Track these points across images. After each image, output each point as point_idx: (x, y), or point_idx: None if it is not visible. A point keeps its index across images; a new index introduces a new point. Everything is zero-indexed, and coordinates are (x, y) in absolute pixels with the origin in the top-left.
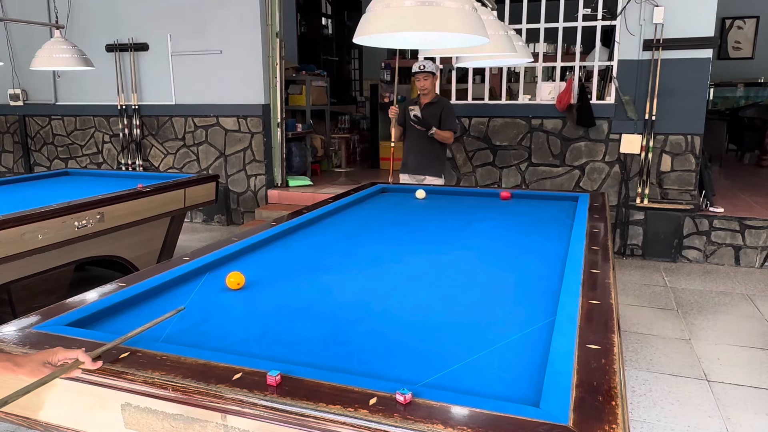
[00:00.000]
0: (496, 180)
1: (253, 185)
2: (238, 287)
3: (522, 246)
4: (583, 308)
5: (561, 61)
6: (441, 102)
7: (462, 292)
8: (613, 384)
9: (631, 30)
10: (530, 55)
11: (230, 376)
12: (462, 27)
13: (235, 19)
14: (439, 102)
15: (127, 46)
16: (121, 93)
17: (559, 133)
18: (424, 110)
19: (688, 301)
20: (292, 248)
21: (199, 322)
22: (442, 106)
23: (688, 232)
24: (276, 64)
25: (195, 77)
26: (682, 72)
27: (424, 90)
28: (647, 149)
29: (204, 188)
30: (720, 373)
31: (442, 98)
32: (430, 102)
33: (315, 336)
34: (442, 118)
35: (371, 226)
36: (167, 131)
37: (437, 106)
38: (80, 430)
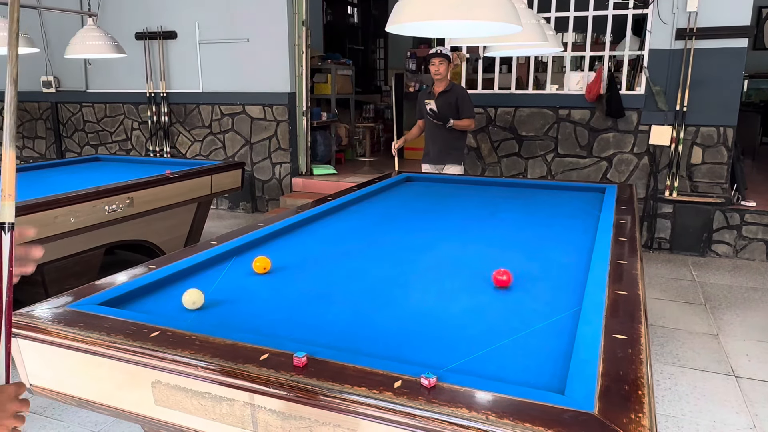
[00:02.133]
0: (522, 171)
1: (278, 173)
2: (264, 271)
3: (547, 237)
4: (609, 299)
5: (590, 51)
6: (455, 90)
7: (486, 281)
8: (639, 374)
9: (663, 19)
10: (560, 44)
11: (257, 357)
12: (495, 15)
13: (262, 7)
14: (453, 90)
15: (156, 34)
16: (150, 81)
17: (586, 123)
18: (439, 99)
19: (716, 296)
20: (317, 235)
21: (227, 305)
22: (456, 95)
23: (718, 226)
24: (302, 53)
25: (222, 65)
26: (716, 62)
27: (437, 75)
28: (677, 141)
29: (230, 175)
30: (748, 369)
31: (456, 85)
32: (444, 90)
33: (339, 320)
34: (459, 106)
35: (395, 215)
36: (194, 119)
37: (452, 94)
38: (112, 406)
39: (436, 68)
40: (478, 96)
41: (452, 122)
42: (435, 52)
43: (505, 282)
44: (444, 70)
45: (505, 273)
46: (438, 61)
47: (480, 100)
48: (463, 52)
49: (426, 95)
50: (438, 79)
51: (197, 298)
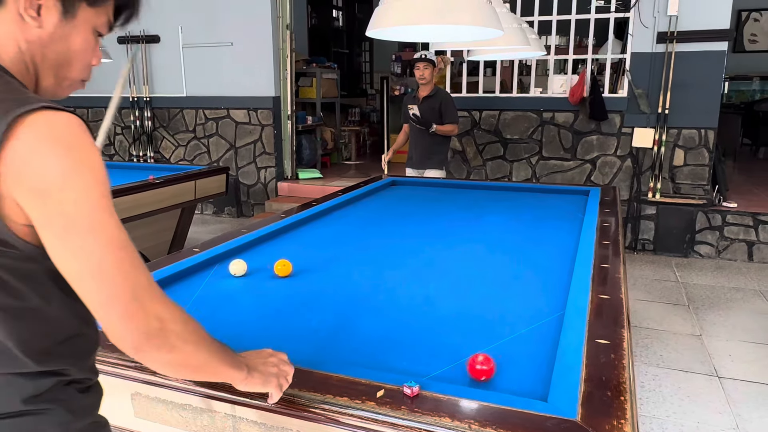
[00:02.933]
0: (507, 174)
1: (263, 177)
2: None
3: (532, 240)
4: (592, 303)
5: (573, 54)
6: (439, 94)
7: (471, 286)
8: (622, 379)
9: (644, 22)
10: (543, 48)
11: None
12: (476, 20)
13: (246, 11)
14: (437, 95)
15: (139, 38)
16: (133, 85)
17: (570, 126)
18: (423, 104)
19: (699, 297)
20: (301, 240)
21: (209, 313)
22: (440, 99)
23: (700, 227)
24: (286, 57)
25: (206, 69)
26: (697, 65)
27: (422, 79)
28: (660, 143)
29: (214, 180)
30: (731, 369)
31: (440, 90)
32: (429, 95)
33: (323, 327)
34: (442, 111)
35: (381, 219)
36: (178, 123)
37: (435, 99)
38: None
39: (421, 73)
40: (463, 99)
41: (435, 127)
42: (420, 56)
43: (486, 372)
44: (429, 75)
45: (485, 362)
46: (423, 66)
47: (465, 103)
48: (447, 55)
49: (410, 99)
50: (423, 84)
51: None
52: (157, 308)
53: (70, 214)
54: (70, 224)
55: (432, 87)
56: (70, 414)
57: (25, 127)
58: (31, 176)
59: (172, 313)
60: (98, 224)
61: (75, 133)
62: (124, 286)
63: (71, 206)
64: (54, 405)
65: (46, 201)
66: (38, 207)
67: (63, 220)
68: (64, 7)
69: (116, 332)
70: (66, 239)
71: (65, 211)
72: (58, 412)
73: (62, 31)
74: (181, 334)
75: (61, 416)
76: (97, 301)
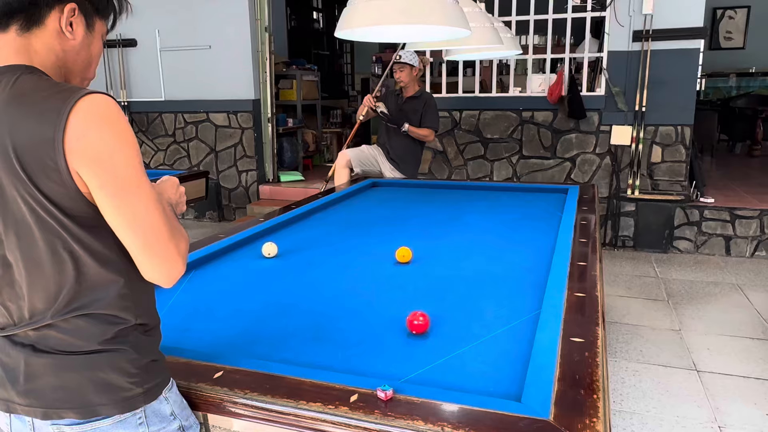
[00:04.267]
0: (488, 173)
1: (244, 181)
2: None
3: (510, 239)
4: (568, 301)
5: (551, 53)
6: (424, 96)
7: (449, 287)
8: (595, 377)
9: (620, 21)
10: (519, 47)
11: (211, 375)
12: (443, 19)
13: (224, 13)
14: (421, 96)
15: (116, 42)
16: (111, 89)
17: (549, 125)
18: (406, 104)
19: (678, 292)
20: (280, 244)
21: (183, 321)
22: (424, 101)
23: (678, 222)
24: (265, 59)
25: (184, 73)
26: (672, 63)
27: (400, 82)
28: (638, 140)
29: (194, 185)
30: (709, 363)
31: (426, 92)
32: (413, 96)
33: (299, 332)
34: (423, 113)
35: (360, 221)
36: (157, 127)
37: (419, 100)
38: None
39: (398, 75)
40: (443, 100)
41: (407, 127)
42: (397, 59)
43: (422, 326)
44: (406, 77)
45: (422, 315)
46: (399, 68)
47: (445, 103)
48: (426, 56)
49: (391, 95)
50: (401, 86)
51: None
52: (182, 246)
53: (120, 176)
54: (121, 183)
55: (416, 88)
56: (136, 352)
57: (78, 110)
58: (87, 148)
59: (187, 242)
60: (143, 182)
61: (115, 110)
62: (162, 230)
63: (122, 169)
64: (125, 345)
65: (101, 166)
66: (95, 172)
67: (116, 180)
68: (87, 21)
69: (157, 270)
70: (118, 196)
71: (117, 174)
72: (127, 350)
73: (87, 41)
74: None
75: (131, 354)
76: (143, 243)
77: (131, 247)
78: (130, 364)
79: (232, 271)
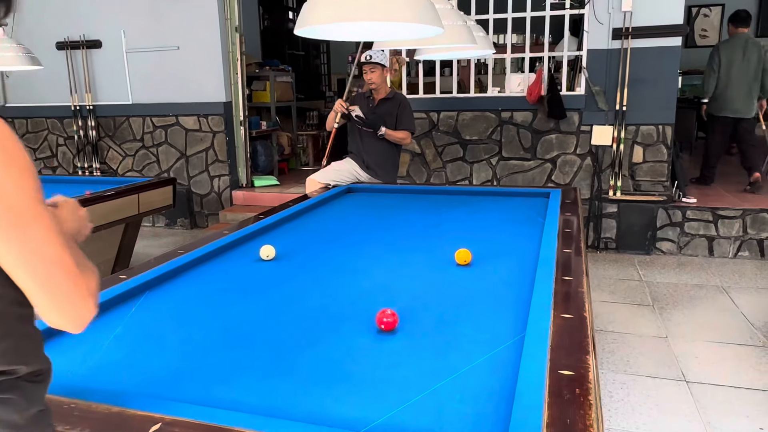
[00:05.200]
0: (467, 175)
1: (216, 186)
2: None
3: (491, 250)
4: (555, 324)
5: (530, 52)
6: (397, 98)
7: (425, 308)
8: (588, 421)
9: (599, 18)
10: (492, 46)
11: (147, 428)
12: (413, 16)
13: (192, 13)
14: (395, 98)
15: (79, 44)
16: (75, 93)
17: (529, 125)
18: (378, 107)
19: (663, 296)
20: (244, 259)
21: (127, 356)
22: (399, 103)
23: (661, 223)
24: (236, 60)
25: (152, 75)
26: (652, 61)
27: (371, 84)
28: (619, 140)
29: (160, 192)
30: (698, 373)
31: (398, 93)
32: (385, 98)
33: (256, 367)
34: (399, 116)
35: (332, 231)
36: (125, 132)
37: (394, 102)
38: None
39: (369, 77)
40: (421, 101)
41: (384, 130)
42: (365, 58)
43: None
44: (377, 78)
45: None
46: (369, 69)
47: (422, 104)
48: (402, 56)
49: (361, 98)
50: (374, 88)
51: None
52: (92, 283)
53: (12, 206)
54: (13, 215)
55: (388, 89)
56: (26, 402)
57: None
58: None
59: (98, 278)
60: (39, 213)
61: (4, 132)
62: (66, 266)
63: (14, 198)
64: (13, 394)
65: None
66: None
67: (7, 212)
68: None
69: (63, 314)
70: (10, 230)
71: (8, 204)
72: (16, 400)
73: None
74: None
75: (20, 404)
76: (43, 284)
77: (29, 289)
78: (18, 415)
79: (189, 293)
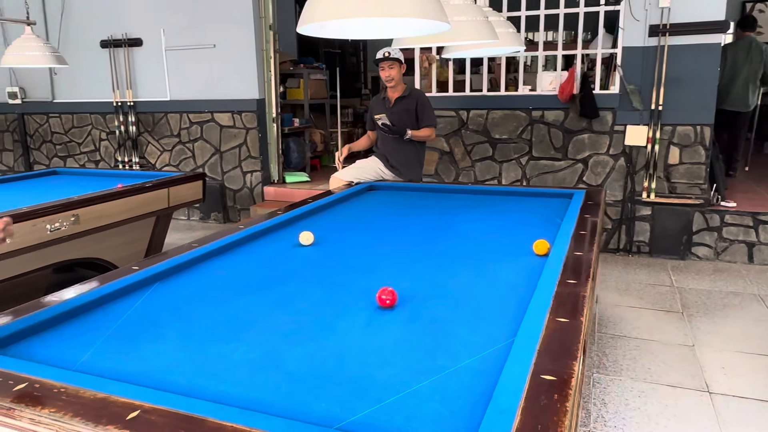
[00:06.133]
0: (496, 174)
1: (249, 182)
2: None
3: (501, 251)
4: (548, 327)
5: (562, 50)
6: (414, 95)
7: (422, 307)
8: (560, 428)
9: (635, 15)
10: (522, 42)
11: (126, 414)
12: (416, 11)
13: (228, 12)
14: (411, 95)
15: (121, 42)
16: (117, 89)
17: (561, 125)
18: (396, 106)
19: (694, 302)
20: (255, 255)
21: (127, 343)
22: (416, 100)
23: (697, 228)
24: (270, 58)
25: (189, 72)
26: (691, 59)
27: (389, 81)
28: (654, 141)
29: (190, 187)
30: (723, 384)
31: (414, 90)
32: (401, 96)
33: (246, 361)
34: (419, 113)
35: (346, 228)
36: (163, 128)
37: (410, 99)
38: None
39: (387, 73)
40: (450, 99)
41: (410, 133)
42: (383, 55)
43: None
44: (396, 74)
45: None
46: (387, 65)
47: (451, 102)
48: (433, 53)
49: (378, 102)
50: (392, 86)
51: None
52: None
53: None
54: None
55: (404, 87)
56: None
57: None
58: None
59: None
60: None
61: None
62: None
63: None
64: None
65: None
66: None
67: None
68: None
69: None
70: None
71: None
72: None
73: None
74: None
75: None
76: None
77: None
78: None
79: (197, 285)
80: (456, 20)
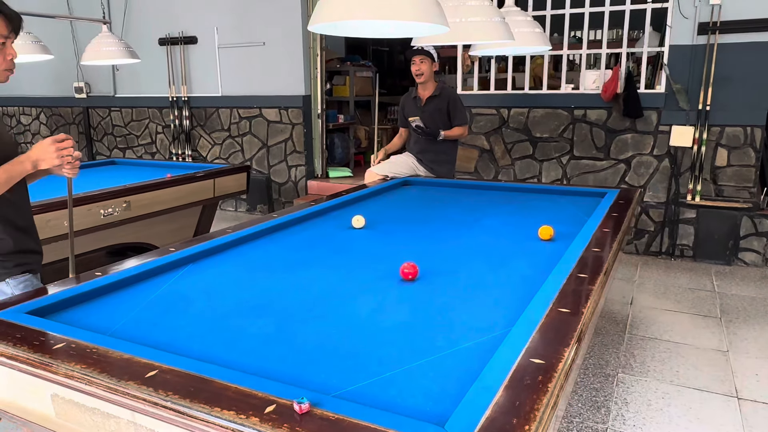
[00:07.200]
0: (536, 173)
1: (293, 176)
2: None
3: (522, 245)
4: (548, 316)
5: (607, 48)
6: (445, 93)
7: (433, 295)
8: (536, 405)
9: (684, 12)
10: (548, 42)
11: (144, 373)
12: (416, 14)
13: (277, 11)
14: (442, 94)
15: (178, 40)
16: (172, 85)
17: (603, 124)
18: (428, 105)
19: (734, 308)
20: (284, 242)
21: (158, 315)
22: (448, 99)
23: (745, 233)
24: (316, 55)
25: (240, 69)
26: (743, 58)
27: (419, 75)
28: (700, 142)
29: (234, 179)
30: (754, 390)
31: (445, 87)
32: (432, 95)
33: (260, 333)
34: (451, 112)
35: (374, 221)
36: (214, 122)
37: (442, 98)
38: (24, 418)
39: (417, 67)
40: (491, 97)
41: (443, 134)
42: (415, 49)
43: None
44: (426, 69)
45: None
46: (419, 60)
47: (492, 101)
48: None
49: (410, 101)
50: (421, 81)
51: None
52: None
53: None
54: None
55: (435, 85)
56: None
57: None
58: None
59: None
60: None
61: None
62: None
63: None
64: None
65: None
66: None
67: None
68: None
69: None
70: None
71: None
72: None
73: None
74: None
75: None
76: None
77: None
78: None
79: (227, 266)
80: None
